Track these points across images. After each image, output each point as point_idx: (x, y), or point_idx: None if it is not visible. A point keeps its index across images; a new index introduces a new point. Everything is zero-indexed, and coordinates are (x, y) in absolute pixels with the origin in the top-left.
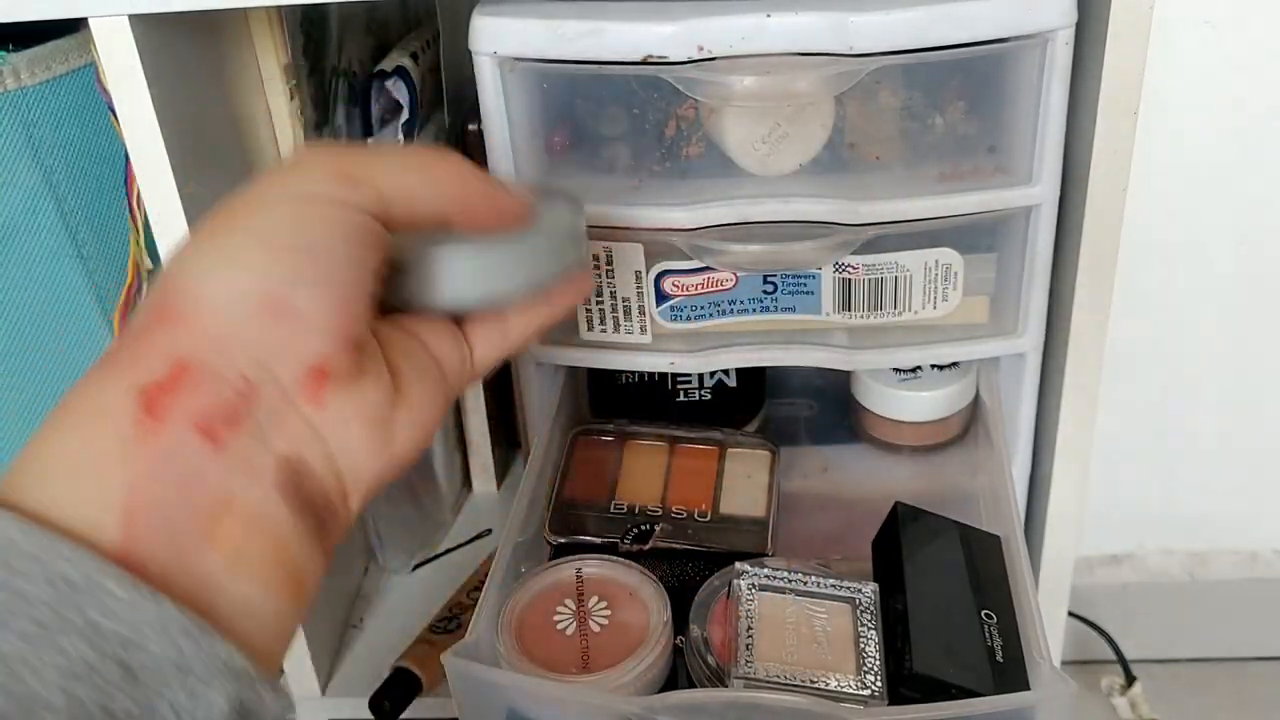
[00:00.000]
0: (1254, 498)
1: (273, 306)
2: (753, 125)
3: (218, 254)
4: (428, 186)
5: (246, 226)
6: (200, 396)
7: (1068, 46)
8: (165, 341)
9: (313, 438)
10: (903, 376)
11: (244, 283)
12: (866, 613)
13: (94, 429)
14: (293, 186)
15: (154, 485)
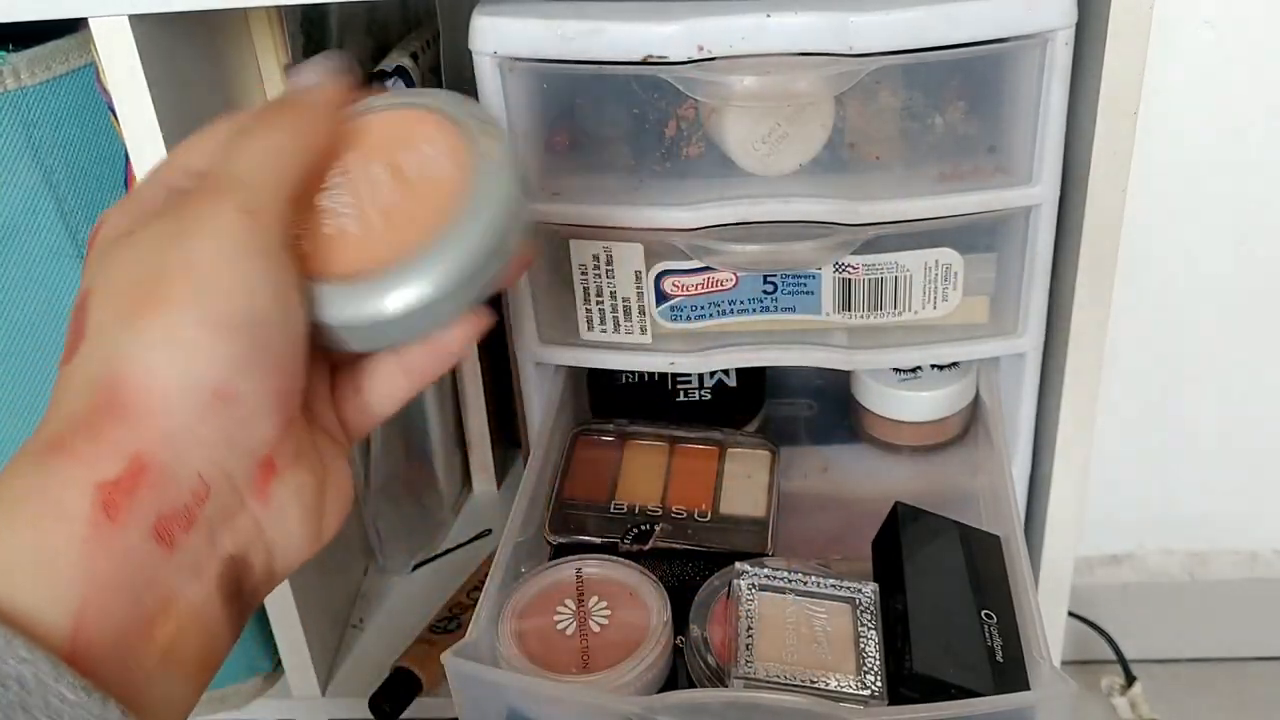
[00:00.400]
0: (1254, 498)
1: (222, 396)
2: (753, 125)
3: (164, 338)
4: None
5: (184, 299)
6: (157, 499)
7: (1068, 47)
8: (120, 437)
9: (257, 534)
10: (903, 376)
11: (194, 373)
12: (866, 613)
13: (50, 526)
14: (209, 218)
15: (106, 590)
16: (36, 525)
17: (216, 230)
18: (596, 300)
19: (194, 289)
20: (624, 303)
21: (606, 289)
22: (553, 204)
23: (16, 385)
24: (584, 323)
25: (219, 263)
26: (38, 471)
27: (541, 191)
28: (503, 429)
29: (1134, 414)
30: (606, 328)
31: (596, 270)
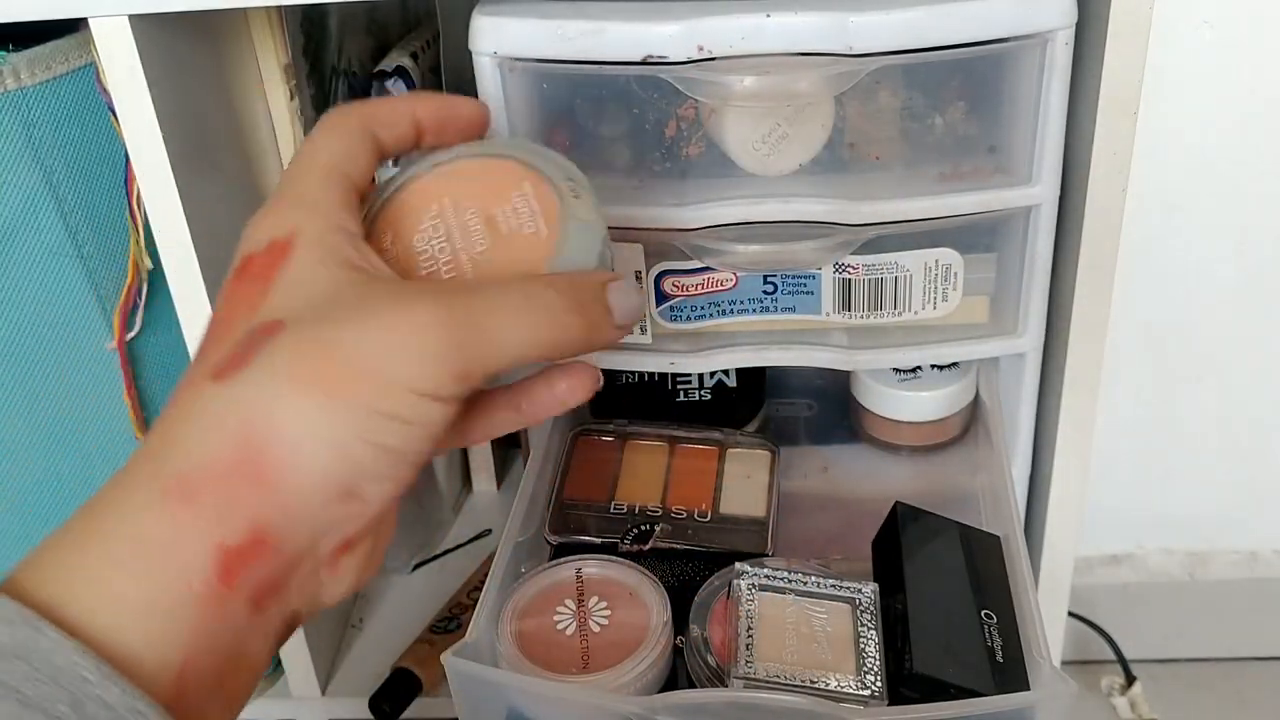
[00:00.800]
0: (1254, 498)
1: (346, 493)
2: (753, 125)
3: (324, 428)
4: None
5: (360, 398)
6: (263, 569)
7: (1068, 46)
8: (249, 504)
9: (317, 593)
10: (902, 376)
11: (335, 472)
12: (866, 613)
13: (169, 580)
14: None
15: (205, 648)
16: (156, 575)
17: (409, 348)
18: None
19: (372, 393)
20: None
21: None
22: None
23: (17, 385)
24: None
25: (405, 381)
26: (165, 519)
27: None
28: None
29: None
30: None
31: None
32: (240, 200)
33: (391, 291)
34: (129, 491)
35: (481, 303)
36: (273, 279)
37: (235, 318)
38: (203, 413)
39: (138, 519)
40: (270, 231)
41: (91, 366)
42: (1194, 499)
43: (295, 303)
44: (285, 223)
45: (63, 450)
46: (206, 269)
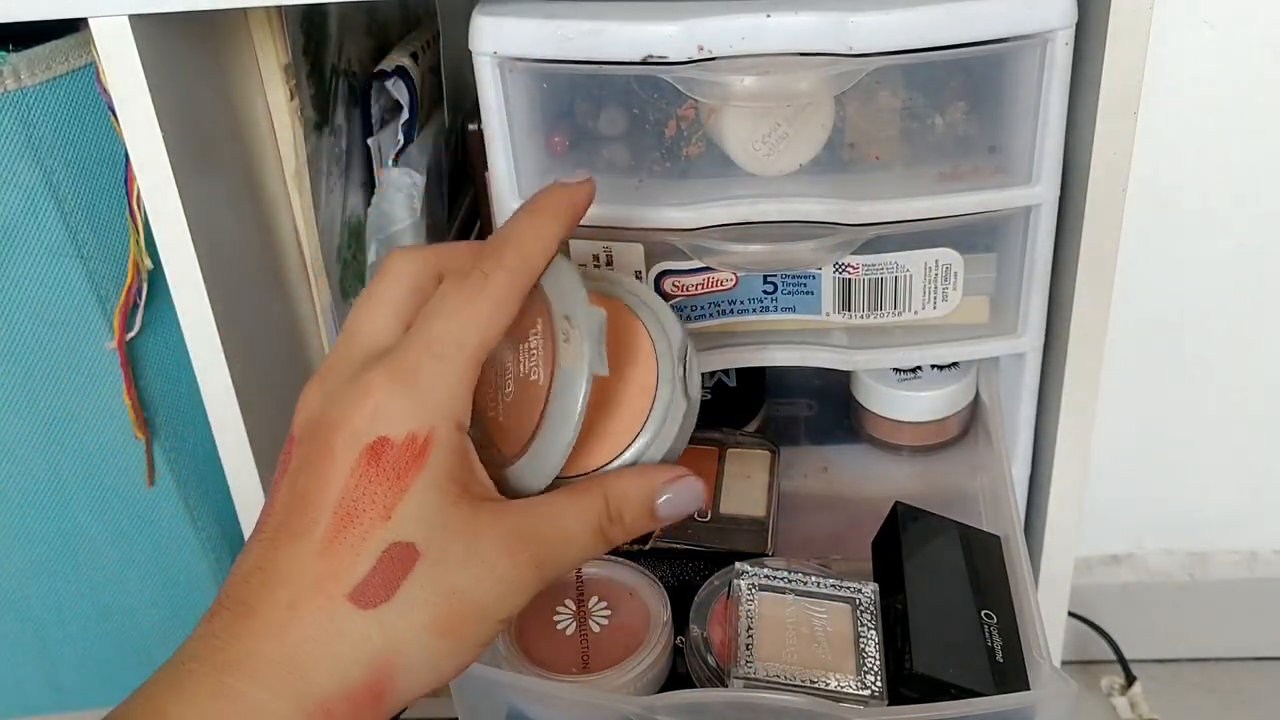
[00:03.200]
0: (1254, 498)
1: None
2: (753, 125)
3: (436, 657)
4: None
5: (471, 642)
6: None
7: (1068, 47)
8: (370, 716)
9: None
10: (902, 376)
11: (423, 689)
12: (866, 613)
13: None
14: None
15: None
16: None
17: (511, 593)
18: None
19: (480, 630)
20: None
21: None
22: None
23: (17, 385)
24: None
25: (503, 615)
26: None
27: None
28: None
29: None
30: None
31: (596, 267)
32: (240, 200)
33: (497, 535)
34: (269, 700)
35: (555, 541)
36: (407, 486)
37: (365, 517)
38: (345, 637)
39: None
40: (408, 423)
41: (91, 366)
42: (1194, 499)
43: (422, 527)
44: (425, 420)
45: (63, 450)
46: (206, 269)
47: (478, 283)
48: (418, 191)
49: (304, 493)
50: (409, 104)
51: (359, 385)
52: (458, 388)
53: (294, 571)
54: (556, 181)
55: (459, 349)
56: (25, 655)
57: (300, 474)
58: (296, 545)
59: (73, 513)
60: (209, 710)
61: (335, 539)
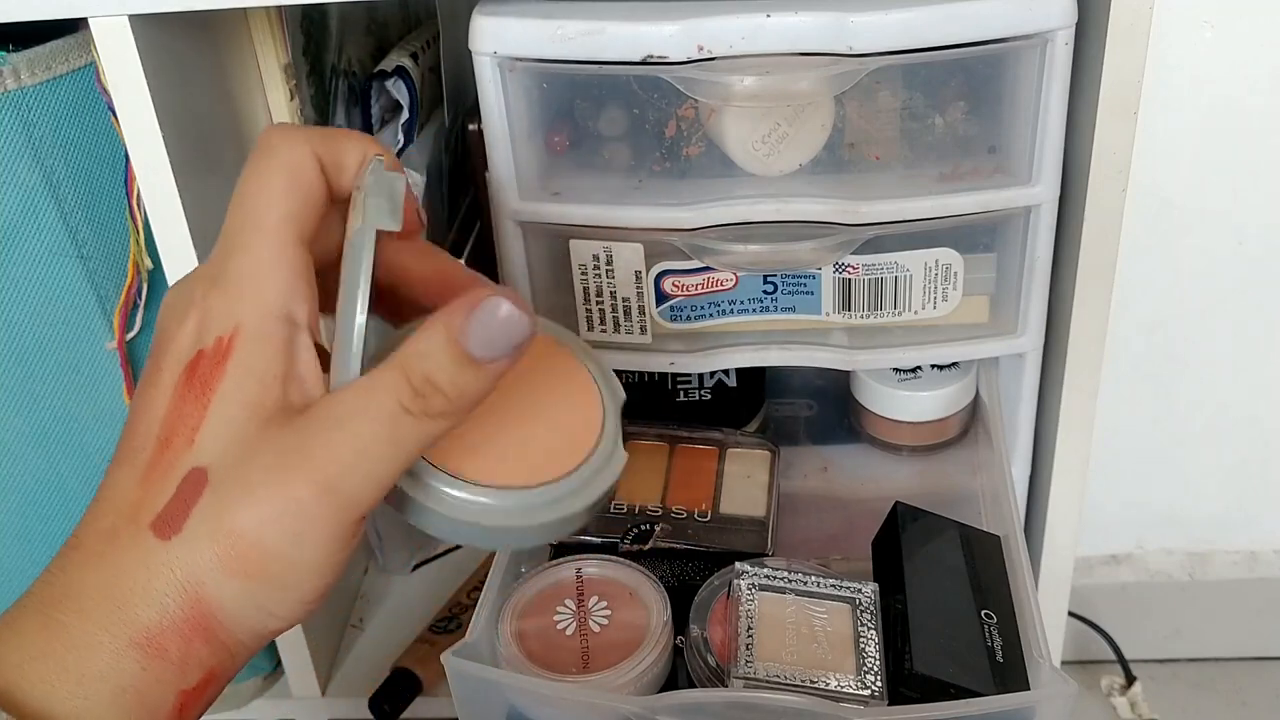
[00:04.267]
0: (1254, 498)
1: (278, 631)
2: (753, 125)
3: (246, 599)
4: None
5: (270, 575)
6: (207, 698)
7: (1068, 46)
8: (204, 656)
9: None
10: (902, 377)
11: (267, 624)
12: (866, 613)
13: (139, 716)
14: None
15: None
16: (127, 712)
17: (304, 537)
18: (596, 300)
19: (282, 571)
20: (624, 303)
21: (606, 289)
22: (553, 204)
23: (17, 385)
24: (584, 322)
25: (308, 560)
26: (138, 670)
27: (542, 191)
28: None
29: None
30: (606, 328)
31: (596, 270)
32: None
33: (276, 457)
34: (95, 631)
35: (336, 451)
36: (209, 401)
37: (176, 440)
38: (151, 567)
39: (115, 667)
40: (218, 325)
41: (91, 366)
42: (1194, 499)
43: (217, 449)
44: (230, 316)
45: (63, 450)
46: None
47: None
48: (418, 191)
49: (135, 416)
50: (409, 104)
51: (185, 293)
52: (269, 271)
53: (115, 499)
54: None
55: (255, 227)
56: None
57: (138, 395)
58: (121, 471)
59: (72, 513)
60: (38, 643)
61: (154, 465)
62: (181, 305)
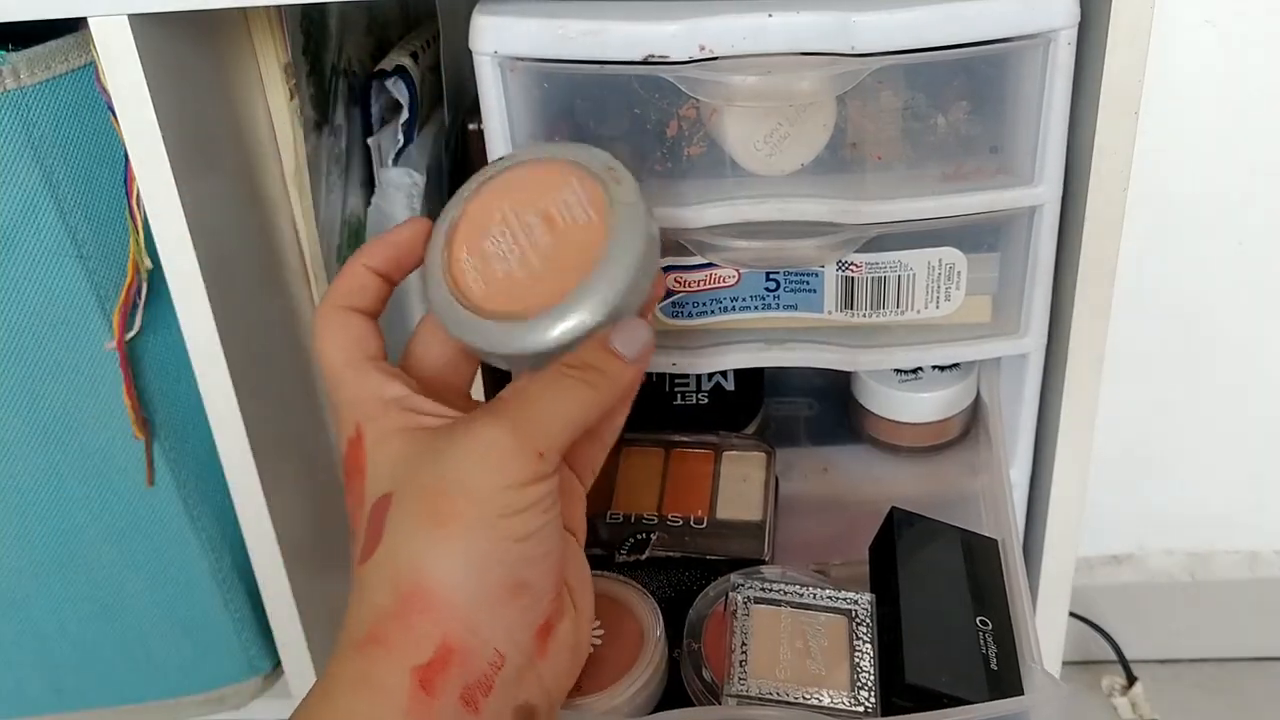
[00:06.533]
0: (1254, 498)
1: (513, 588)
2: (754, 125)
3: (462, 549)
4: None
5: (472, 518)
6: (463, 673)
7: (1070, 46)
8: (428, 628)
9: (539, 682)
10: (903, 377)
11: (489, 579)
12: (862, 625)
13: (378, 701)
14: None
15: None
16: (367, 701)
17: (489, 460)
18: None
19: (480, 505)
20: None
21: None
22: None
23: (16, 385)
24: None
25: (499, 484)
26: (361, 659)
27: None
28: None
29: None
30: None
31: None
32: (240, 200)
33: (457, 428)
34: (332, 662)
35: (524, 403)
36: (364, 467)
37: (356, 512)
38: (364, 586)
39: (340, 672)
40: (345, 432)
41: (91, 366)
42: (1194, 499)
43: (387, 477)
44: (348, 424)
45: (63, 450)
46: (206, 269)
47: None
48: (418, 191)
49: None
50: (409, 104)
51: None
52: (355, 387)
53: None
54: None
55: (341, 367)
56: (25, 655)
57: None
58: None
59: (72, 513)
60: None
61: (353, 533)
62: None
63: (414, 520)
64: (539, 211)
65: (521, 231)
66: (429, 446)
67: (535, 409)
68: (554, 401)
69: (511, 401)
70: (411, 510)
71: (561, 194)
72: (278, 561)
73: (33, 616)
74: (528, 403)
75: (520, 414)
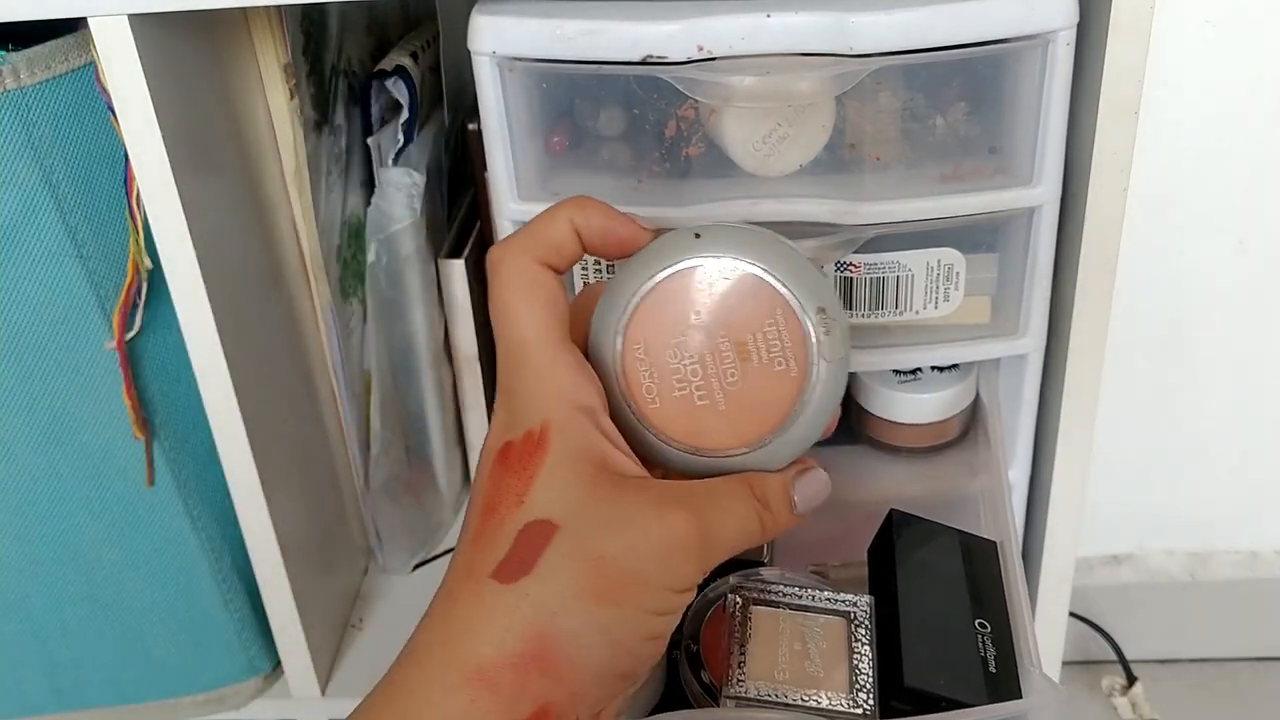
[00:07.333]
0: (1254, 498)
1: (626, 680)
2: (753, 126)
3: (606, 631)
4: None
5: (633, 606)
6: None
7: (1069, 47)
8: (539, 689)
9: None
10: (902, 378)
11: (617, 668)
12: (861, 627)
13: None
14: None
15: None
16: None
17: (670, 558)
18: None
19: (643, 597)
20: None
21: None
22: (552, 204)
23: (16, 385)
24: None
25: (668, 584)
26: (464, 697)
27: (541, 191)
28: None
29: (1134, 414)
30: None
31: (597, 266)
32: (240, 200)
33: (646, 501)
34: (430, 676)
35: (713, 509)
36: (534, 474)
37: (501, 508)
38: (493, 610)
39: (444, 703)
40: (525, 422)
41: (91, 366)
42: (1194, 499)
43: (558, 503)
44: (533, 415)
45: (63, 450)
46: (206, 269)
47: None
48: (417, 191)
49: (467, 510)
50: (409, 103)
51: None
52: (551, 371)
53: (453, 567)
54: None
55: (520, 342)
56: (25, 655)
57: (468, 499)
58: (456, 549)
59: (72, 513)
60: (378, 696)
61: (480, 531)
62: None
63: (577, 584)
64: (734, 340)
65: (710, 355)
66: (614, 506)
67: (720, 525)
68: (733, 522)
69: (705, 508)
70: (576, 573)
71: (762, 326)
72: (278, 561)
73: (33, 616)
74: (716, 516)
75: (710, 526)
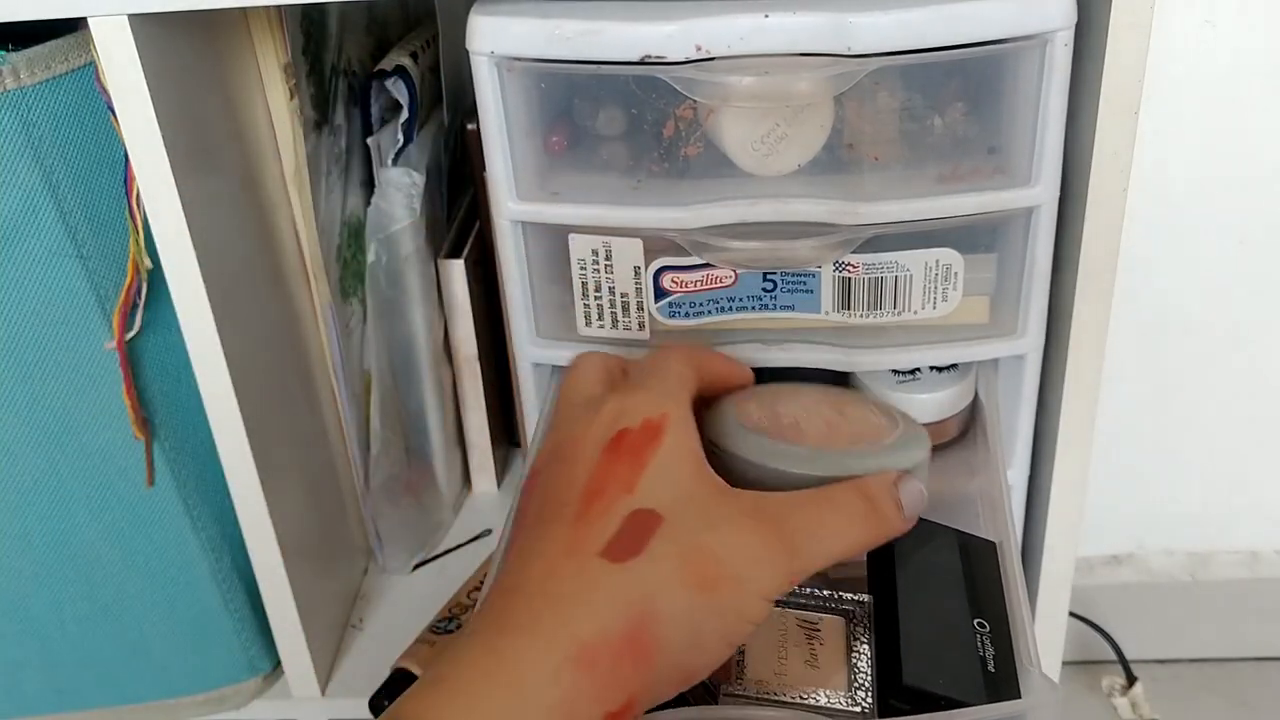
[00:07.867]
0: (1254, 498)
1: (690, 676)
2: (751, 126)
3: (691, 613)
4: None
5: (733, 594)
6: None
7: (1067, 48)
8: (630, 677)
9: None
10: (900, 378)
11: (701, 660)
12: (860, 625)
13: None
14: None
15: None
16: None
17: (764, 562)
18: (595, 295)
19: (736, 595)
20: (622, 298)
21: (605, 284)
22: (551, 204)
23: (17, 385)
24: (582, 318)
25: (759, 588)
26: (569, 685)
27: (540, 191)
28: (502, 428)
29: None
30: (604, 323)
31: (595, 265)
32: (239, 200)
33: (747, 509)
34: (535, 647)
35: (807, 520)
36: (646, 462)
37: (609, 491)
38: (598, 587)
39: (548, 683)
40: (645, 410)
41: (91, 366)
42: (1194, 499)
43: (667, 496)
44: (658, 406)
45: (63, 450)
46: (206, 269)
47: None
48: (417, 191)
49: (554, 492)
50: (409, 103)
51: (592, 409)
52: (679, 392)
53: (547, 548)
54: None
55: (668, 368)
56: (25, 655)
57: (548, 483)
58: (548, 528)
59: (72, 513)
60: (479, 663)
61: (583, 513)
62: (590, 414)
63: (681, 569)
64: (834, 407)
65: (813, 408)
66: (714, 505)
67: (813, 535)
68: (831, 531)
69: (790, 520)
70: (680, 558)
71: (853, 406)
72: (278, 561)
73: (33, 616)
74: (808, 526)
75: (794, 539)
